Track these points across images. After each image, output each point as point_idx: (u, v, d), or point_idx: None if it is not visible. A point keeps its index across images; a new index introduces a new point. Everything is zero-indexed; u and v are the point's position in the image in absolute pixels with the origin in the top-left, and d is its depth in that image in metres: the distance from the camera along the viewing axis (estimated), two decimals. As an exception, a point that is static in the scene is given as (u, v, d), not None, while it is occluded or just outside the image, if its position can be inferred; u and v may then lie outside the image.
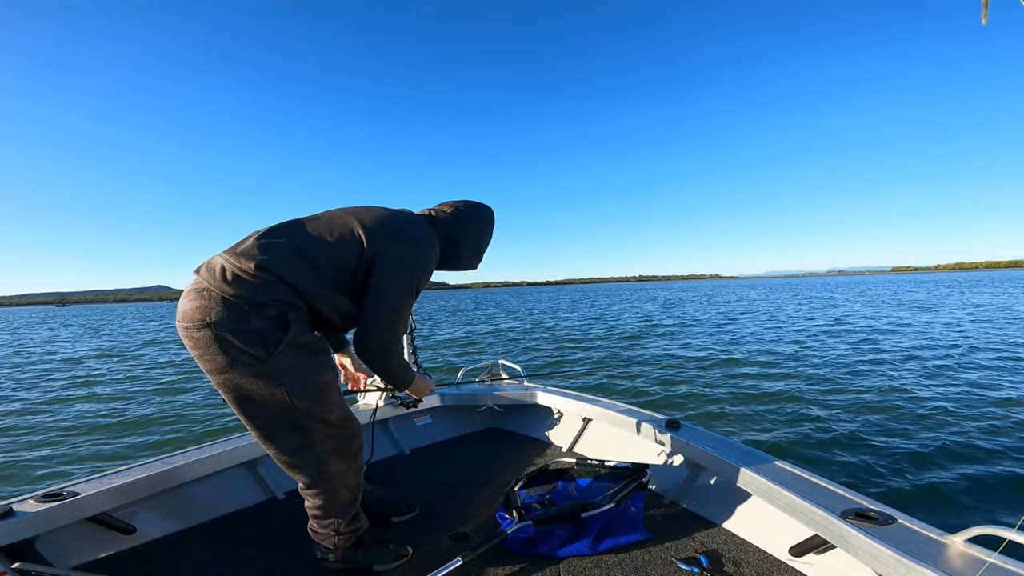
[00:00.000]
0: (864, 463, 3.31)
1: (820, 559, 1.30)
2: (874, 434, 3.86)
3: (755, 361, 7.53)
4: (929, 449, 3.47)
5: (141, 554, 1.54)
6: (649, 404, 5.25)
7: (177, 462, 1.69)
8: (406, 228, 1.31)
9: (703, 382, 6.22)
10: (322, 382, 1.24)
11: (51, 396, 7.32)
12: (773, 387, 5.71)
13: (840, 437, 3.82)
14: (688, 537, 1.52)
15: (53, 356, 13.12)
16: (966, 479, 2.97)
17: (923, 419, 4.19)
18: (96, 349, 14.60)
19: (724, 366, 7.28)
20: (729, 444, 1.65)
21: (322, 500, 1.33)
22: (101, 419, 5.74)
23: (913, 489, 2.90)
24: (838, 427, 4.07)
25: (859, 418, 4.30)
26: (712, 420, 4.59)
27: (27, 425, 5.60)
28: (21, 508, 1.35)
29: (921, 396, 4.92)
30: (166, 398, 6.80)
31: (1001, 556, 0.94)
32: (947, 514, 2.62)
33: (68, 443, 4.82)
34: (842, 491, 1.28)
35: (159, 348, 14.35)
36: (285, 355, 1.16)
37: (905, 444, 3.60)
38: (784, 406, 4.85)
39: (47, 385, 8.36)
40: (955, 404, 4.59)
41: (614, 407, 2.14)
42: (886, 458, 3.36)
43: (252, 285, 1.14)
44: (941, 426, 3.98)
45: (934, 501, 2.77)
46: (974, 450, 3.42)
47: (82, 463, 4.22)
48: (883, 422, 4.16)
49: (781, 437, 3.94)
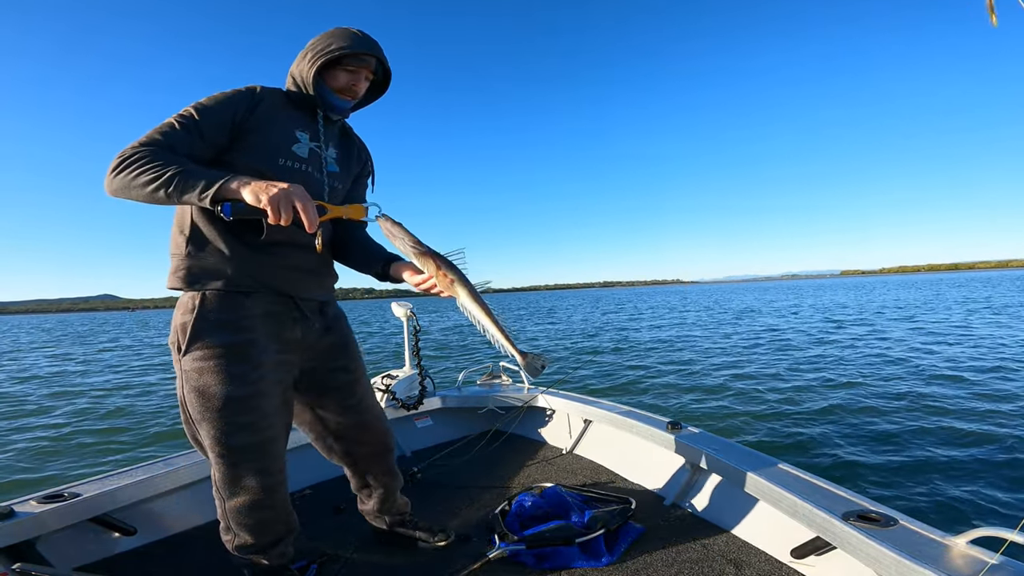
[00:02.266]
0: (865, 464, 3.30)
1: (822, 561, 1.29)
2: (875, 435, 3.86)
3: (757, 362, 7.53)
4: (930, 450, 3.46)
5: (143, 555, 1.54)
6: (650, 406, 5.24)
7: (178, 463, 1.69)
8: None
9: (705, 385, 6.22)
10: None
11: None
12: (775, 387, 5.71)
13: (841, 438, 3.82)
14: (689, 539, 1.52)
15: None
16: (967, 480, 2.97)
17: (924, 418, 4.19)
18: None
19: (728, 369, 7.28)
20: (730, 446, 1.65)
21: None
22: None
23: (914, 490, 2.90)
24: (839, 428, 4.07)
25: (859, 418, 4.30)
26: (713, 421, 4.58)
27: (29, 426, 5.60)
28: (22, 509, 1.35)
29: (921, 395, 4.92)
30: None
31: (1003, 557, 0.94)
32: (949, 516, 2.61)
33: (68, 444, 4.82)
34: (843, 493, 1.28)
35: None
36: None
37: (906, 444, 3.59)
38: (785, 407, 4.84)
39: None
40: (955, 403, 4.59)
41: (615, 409, 2.14)
42: (887, 459, 3.35)
43: None
44: (942, 425, 3.98)
45: (936, 502, 2.76)
46: (975, 450, 3.41)
47: (83, 464, 4.22)
48: (883, 422, 4.15)
49: (782, 438, 3.94)
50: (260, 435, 1.14)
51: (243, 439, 1.12)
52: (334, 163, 1.33)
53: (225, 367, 1.11)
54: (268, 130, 1.19)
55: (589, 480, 1.99)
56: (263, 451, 1.15)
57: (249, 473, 1.15)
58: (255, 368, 1.13)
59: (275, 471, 1.19)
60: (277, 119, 1.21)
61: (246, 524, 1.20)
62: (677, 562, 1.40)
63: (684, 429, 1.82)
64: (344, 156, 1.38)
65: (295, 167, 1.22)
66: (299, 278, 1.25)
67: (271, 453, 1.17)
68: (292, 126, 1.24)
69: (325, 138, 1.31)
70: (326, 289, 1.36)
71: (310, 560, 1.47)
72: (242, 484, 1.15)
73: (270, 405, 1.16)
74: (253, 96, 1.19)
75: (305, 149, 1.24)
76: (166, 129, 1.08)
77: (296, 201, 1.00)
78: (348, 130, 1.45)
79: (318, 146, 1.28)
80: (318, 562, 1.46)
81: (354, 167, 1.42)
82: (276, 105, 1.22)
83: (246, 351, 1.13)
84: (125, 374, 9.77)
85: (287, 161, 1.21)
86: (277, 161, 1.19)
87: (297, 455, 2.06)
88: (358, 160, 1.44)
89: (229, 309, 1.14)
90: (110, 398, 7.16)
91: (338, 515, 1.81)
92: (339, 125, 1.38)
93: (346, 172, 1.38)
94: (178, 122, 1.09)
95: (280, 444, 1.21)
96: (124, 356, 13.71)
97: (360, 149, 1.46)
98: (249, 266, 1.16)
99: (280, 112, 1.23)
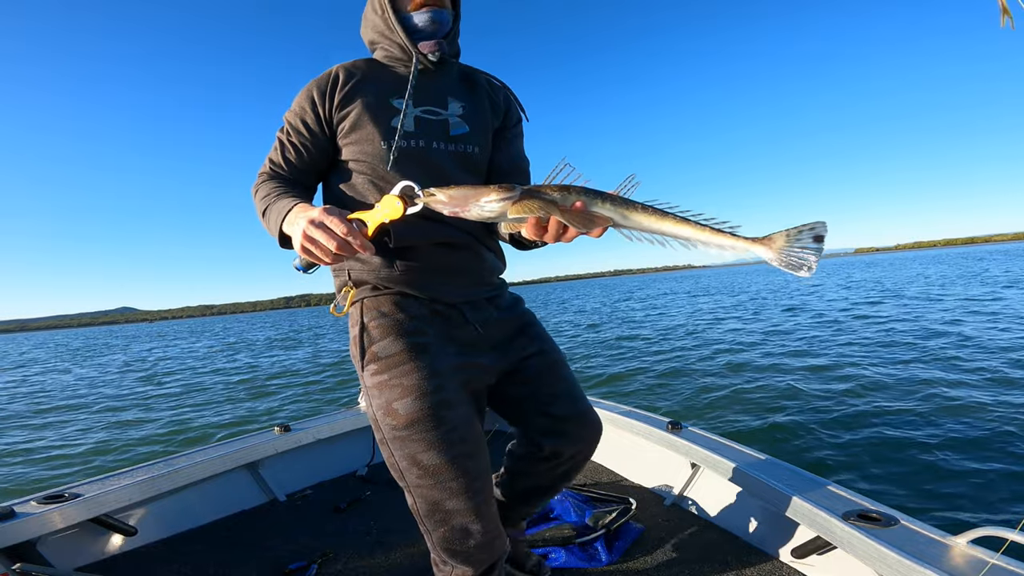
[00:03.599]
0: (866, 464, 3.30)
1: (822, 561, 1.29)
2: (875, 435, 3.85)
3: (759, 360, 7.52)
4: (931, 449, 3.46)
5: (143, 555, 1.54)
6: (650, 405, 5.24)
7: (179, 464, 1.70)
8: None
9: (705, 382, 6.21)
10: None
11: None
12: (775, 387, 5.70)
13: (841, 438, 3.82)
14: (689, 539, 1.51)
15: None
16: (968, 479, 2.96)
17: (923, 418, 4.18)
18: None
19: (727, 364, 7.27)
20: (731, 445, 1.65)
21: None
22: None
23: (915, 490, 2.90)
24: (839, 428, 4.06)
25: (860, 419, 4.29)
26: (713, 421, 4.58)
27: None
28: (23, 509, 1.35)
29: (920, 394, 4.91)
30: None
31: (1003, 557, 0.94)
32: (949, 515, 2.61)
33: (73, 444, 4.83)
34: (844, 492, 1.28)
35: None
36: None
37: (906, 444, 3.59)
38: (786, 404, 4.84)
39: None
40: (953, 403, 4.58)
41: (615, 408, 2.14)
42: (888, 458, 3.35)
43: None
44: (942, 426, 3.97)
45: (936, 502, 2.76)
46: (976, 450, 3.41)
47: (83, 465, 4.22)
48: (883, 422, 4.14)
49: (783, 438, 3.94)
50: (452, 451, 0.95)
51: (432, 458, 0.94)
52: (460, 121, 1.07)
53: (399, 379, 0.95)
54: (357, 113, 1.00)
55: (589, 480, 1.99)
56: (459, 469, 0.95)
57: (449, 496, 0.96)
58: (432, 376, 0.96)
59: (477, 490, 0.98)
60: (363, 93, 1.01)
61: (459, 553, 1.01)
62: (677, 562, 1.40)
63: (684, 429, 1.82)
64: (473, 108, 1.10)
65: (405, 146, 1.00)
66: (446, 280, 1.06)
67: (469, 471, 0.97)
68: (385, 95, 1.02)
69: (436, 92, 1.05)
70: (487, 284, 1.13)
71: (310, 560, 1.47)
72: (444, 509, 0.97)
73: (458, 416, 0.97)
74: (329, 80, 1.02)
75: (410, 119, 1.01)
76: (272, 153, 1.04)
77: (312, 235, 0.81)
78: (469, 72, 1.14)
79: (428, 109, 1.04)
80: (318, 562, 1.46)
81: (490, 118, 1.13)
82: (360, 77, 1.03)
83: (417, 358, 0.97)
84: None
85: (389, 141, 1.00)
86: (379, 147, 0.99)
87: (297, 455, 2.06)
88: (493, 106, 1.14)
89: (390, 316, 1.01)
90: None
91: (338, 515, 1.81)
92: (455, 69, 1.11)
93: (480, 129, 1.10)
94: (279, 140, 1.03)
95: (479, 460, 1.00)
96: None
97: (492, 90, 1.16)
98: (398, 272, 1.02)
99: (366, 84, 1.02)
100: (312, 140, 1.02)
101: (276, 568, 1.46)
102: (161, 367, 12.54)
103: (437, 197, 0.80)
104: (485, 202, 0.78)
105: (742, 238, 0.78)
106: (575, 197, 0.78)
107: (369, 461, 2.20)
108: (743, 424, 4.44)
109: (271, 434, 2.01)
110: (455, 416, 0.96)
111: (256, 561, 1.51)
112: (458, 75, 1.12)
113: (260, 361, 12.47)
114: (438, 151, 1.03)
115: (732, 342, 9.03)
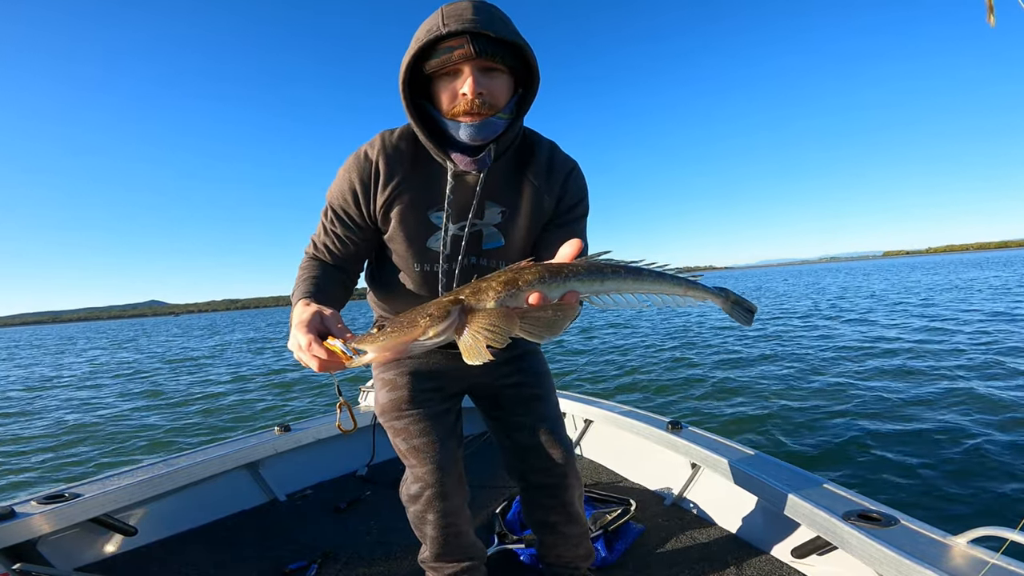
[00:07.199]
0: (866, 464, 3.29)
1: (822, 561, 1.29)
2: (875, 434, 3.85)
3: (760, 359, 7.52)
4: (932, 449, 3.45)
5: (143, 555, 1.54)
6: (650, 405, 5.24)
7: (179, 464, 1.70)
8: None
9: (706, 383, 6.21)
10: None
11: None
12: (775, 388, 5.70)
13: (842, 438, 3.81)
14: (689, 539, 1.51)
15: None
16: (969, 479, 2.96)
17: (924, 417, 4.18)
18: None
19: (731, 366, 7.27)
20: (731, 446, 1.65)
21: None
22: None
23: (916, 490, 2.89)
24: (840, 428, 4.06)
25: (860, 418, 4.29)
26: (714, 421, 4.58)
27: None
28: (23, 509, 1.35)
29: (920, 394, 4.91)
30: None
31: (1003, 557, 0.94)
32: (949, 515, 2.61)
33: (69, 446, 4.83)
34: (844, 492, 1.28)
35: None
36: None
37: (907, 444, 3.58)
38: (787, 403, 4.83)
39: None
40: (954, 402, 4.57)
41: (615, 409, 2.14)
42: (888, 458, 3.35)
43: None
44: (942, 425, 3.97)
45: (937, 502, 2.76)
46: (976, 449, 3.40)
47: (84, 465, 4.22)
48: (883, 422, 4.14)
49: (783, 438, 3.94)
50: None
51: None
52: (496, 232, 0.97)
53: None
54: (395, 226, 0.94)
55: (589, 480, 1.99)
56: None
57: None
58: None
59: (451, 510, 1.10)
60: (402, 200, 0.92)
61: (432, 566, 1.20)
62: (677, 562, 1.40)
63: (684, 429, 1.82)
64: (514, 212, 0.98)
65: (433, 271, 0.97)
66: (448, 361, 1.10)
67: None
68: (423, 206, 0.93)
69: (480, 197, 0.93)
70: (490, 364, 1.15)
71: (310, 560, 1.47)
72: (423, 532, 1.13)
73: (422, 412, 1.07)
74: (371, 174, 0.91)
75: (445, 239, 0.94)
76: (316, 235, 1.01)
77: (298, 356, 0.75)
78: (524, 156, 0.98)
79: (462, 226, 0.94)
80: (318, 562, 1.46)
81: (534, 218, 0.99)
82: (401, 177, 0.91)
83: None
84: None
85: (423, 265, 0.97)
86: (413, 268, 0.98)
87: (297, 455, 2.06)
88: (543, 200, 0.98)
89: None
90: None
91: (338, 515, 1.81)
92: (502, 161, 0.95)
93: (517, 238, 0.99)
94: (323, 224, 1.00)
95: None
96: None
97: (549, 176, 0.98)
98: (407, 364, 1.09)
99: (406, 190, 0.92)
100: (356, 233, 0.98)
101: (276, 568, 1.46)
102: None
103: (368, 357, 0.68)
104: (424, 340, 0.65)
105: (707, 290, 0.84)
106: (527, 290, 0.64)
107: (369, 461, 2.20)
108: (743, 424, 4.44)
109: (271, 434, 2.01)
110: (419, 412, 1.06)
111: (256, 561, 1.51)
112: (507, 167, 0.96)
113: (262, 361, 12.48)
114: (467, 267, 0.97)
115: (731, 342, 9.03)
